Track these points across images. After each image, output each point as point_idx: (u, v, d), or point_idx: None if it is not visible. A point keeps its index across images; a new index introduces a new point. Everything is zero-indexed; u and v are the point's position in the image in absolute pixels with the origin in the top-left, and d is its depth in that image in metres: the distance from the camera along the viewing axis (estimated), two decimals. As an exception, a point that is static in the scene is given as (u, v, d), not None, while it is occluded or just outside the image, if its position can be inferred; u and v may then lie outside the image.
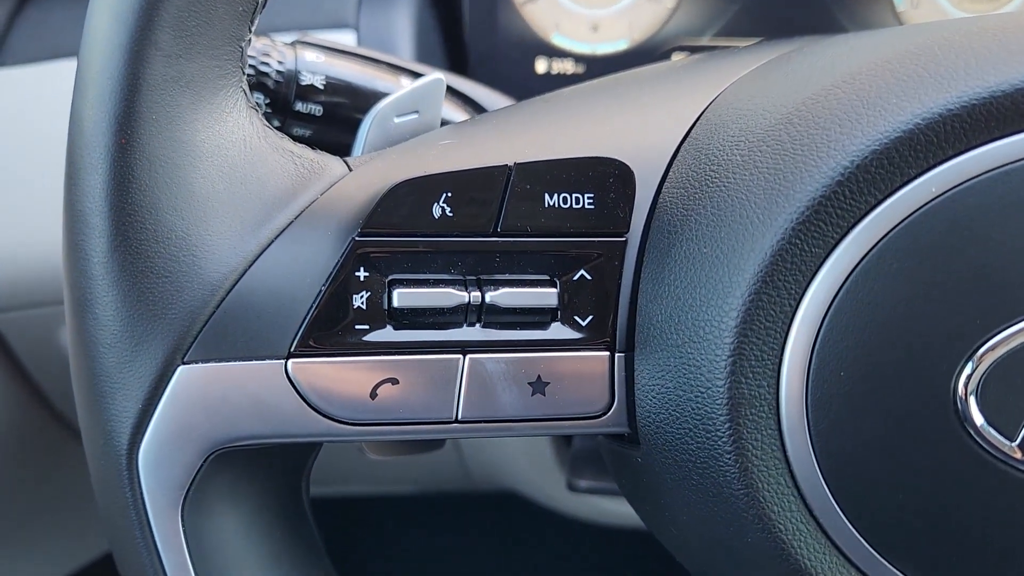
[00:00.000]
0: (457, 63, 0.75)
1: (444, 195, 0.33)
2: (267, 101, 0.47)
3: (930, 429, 0.30)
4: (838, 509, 0.31)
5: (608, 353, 0.34)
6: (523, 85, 0.75)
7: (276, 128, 0.50)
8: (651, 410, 0.33)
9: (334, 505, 0.96)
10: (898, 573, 0.31)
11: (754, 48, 0.45)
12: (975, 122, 0.29)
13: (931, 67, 0.30)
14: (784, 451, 0.31)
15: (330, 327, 0.32)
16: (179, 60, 0.31)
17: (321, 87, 0.47)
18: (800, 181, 0.30)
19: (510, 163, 0.33)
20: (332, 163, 0.35)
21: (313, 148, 0.36)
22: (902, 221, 0.29)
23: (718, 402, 0.31)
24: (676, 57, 0.72)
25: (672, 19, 0.74)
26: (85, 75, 0.31)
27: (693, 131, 0.35)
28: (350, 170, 0.35)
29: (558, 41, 0.74)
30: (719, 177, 0.32)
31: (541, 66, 0.75)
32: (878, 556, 0.31)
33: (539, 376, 0.33)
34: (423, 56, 0.70)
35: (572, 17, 0.74)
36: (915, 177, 0.29)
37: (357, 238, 0.32)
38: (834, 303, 0.30)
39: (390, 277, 0.33)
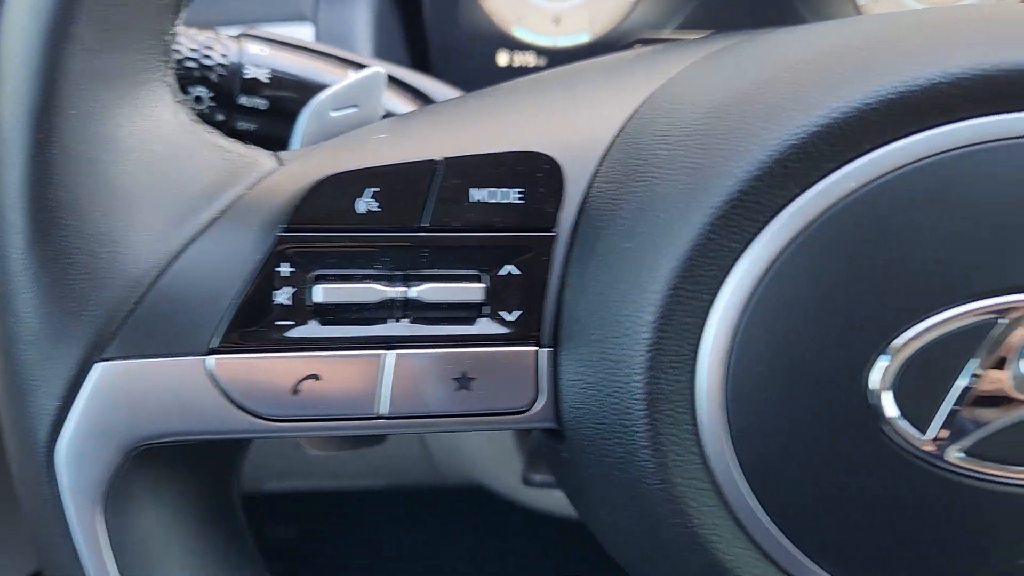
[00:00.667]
0: (419, 56, 0.75)
1: (370, 190, 0.33)
2: (211, 95, 0.47)
3: (845, 424, 0.30)
4: (756, 505, 0.31)
5: (534, 348, 0.34)
6: (485, 78, 0.75)
7: (221, 122, 0.49)
8: (575, 405, 0.33)
9: (303, 500, 0.96)
10: (816, 568, 0.31)
11: (700, 42, 0.45)
12: (892, 117, 0.29)
13: (852, 62, 0.30)
14: (701, 447, 0.31)
15: (253, 323, 0.32)
16: (99, 54, 0.31)
17: (266, 81, 0.47)
18: (719, 176, 0.30)
19: (439, 157, 0.33)
20: (262, 158, 0.35)
21: (245, 143, 0.36)
22: (820, 215, 0.29)
23: (636, 397, 0.31)
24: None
25: (633, 12, 0.73)
26: (2, 68, 0.31)
27: (627, 126, 0.35)
28: (281, 165, 0.35)
29: (520, 34, 0.74)
30: (644, 172, 0.32)
31: (503, 59, 0.74)
32: (796, 551, 0.31)
33: (464, 372, 0.33)
34: (383, 49, 0.70)
35: (534, 10, 0.74)
36: (832, 171, 0.29)
37: (281, 234, 0.32)
38: (752, 298, 0.30)
39: (314, 273, 0.32)
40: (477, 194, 0.33)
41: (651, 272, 0.30)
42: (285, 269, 0.32)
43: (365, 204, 0.33)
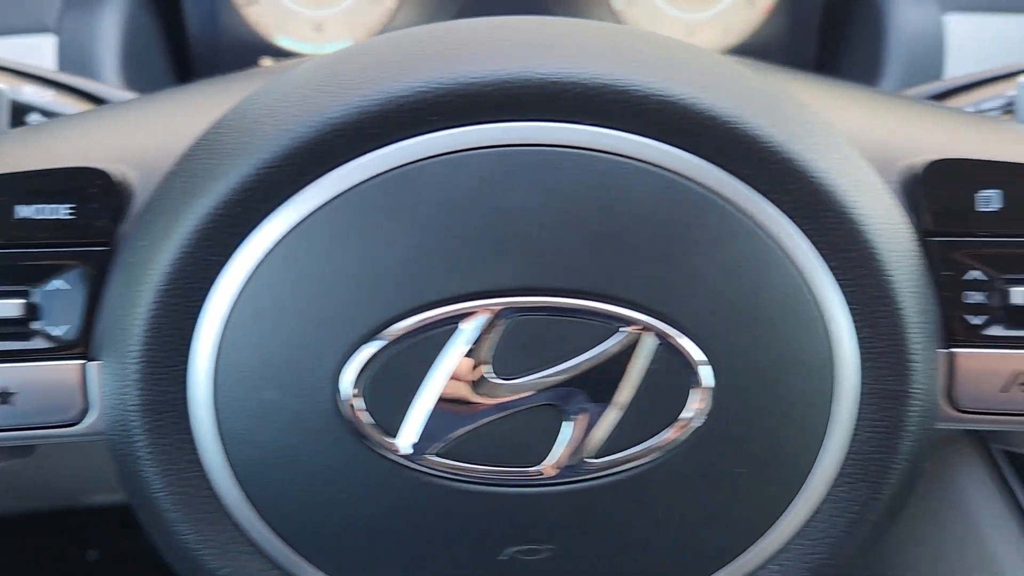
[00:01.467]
0: (181, 66, 0.75)
1: None
2: None
3: (324, 430, 0.30)
4: (256, 514, 0.31)
5: (80, 363, 0.34)
6: (251, 87, 0.75)
7: None
8: (112, 418, 0.33)
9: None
10: (315, 570, 0.32)
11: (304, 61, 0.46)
12: (355, 133, 0.29)
13: (321, 84, 0.31)
14: (198, 456, 0.31)
15: None
16: None
17: None
18: (202, 193, 0.30)
19: None
20: None
21: None
22: (291, 230, 0.30)
23: (132, 410, 0.31)
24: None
25: (394, 19, 0.74)
26: None
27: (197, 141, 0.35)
28: None
29: (282, 42, 0.74)
30: (166, 191, 0.33)
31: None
32: (293, 553, 0.32)
33: (6, 387, 0.34)
34: (137, 60, 0.70)
35: (295, 18, 0.74)
36: (304, 186, 0.30)
37: None
38: (234, 310, 0.30)
39: None
40: (23, 211, 0.34)
41: (139, 287, 0.31)
42: None
43: None
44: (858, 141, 0.36)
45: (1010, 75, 0.51)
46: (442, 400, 0.30)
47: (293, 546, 0.31)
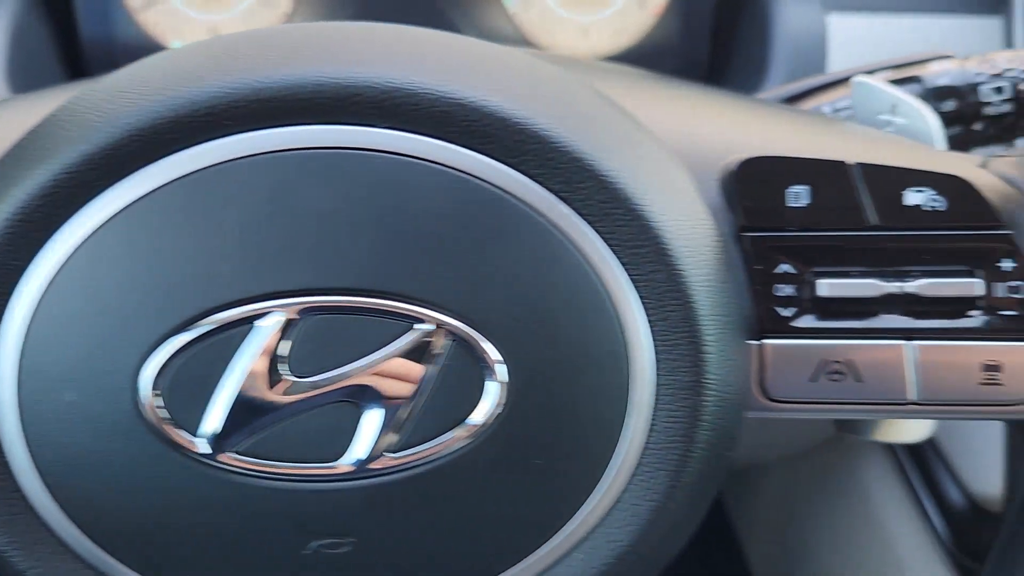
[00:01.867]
0: (76, 72, 0.74)
1: None
2: None
3: (125, 432, 0.30)
4: (64, 514, 0.32)
5: None
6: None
7: None
8: None
9: None
10: (128, 570, 0.32)
11: None
12: (148, 141, 0.30)
13: (127, 88, 0.31)
14: (4, 457, 0.31)
15: None
16: None
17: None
18: (3, 199, 0.31)
19: None
20: None
21: None
22: (91, 235, 0.30)
23: None
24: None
25: (290, 23, 0.74)
26: None
27: None
28: None
29: (177, 47, 0.74)
30: None
31: (163, 72, 0.75)
32: (109, 557, 0.32)
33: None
34: (26, 64, 0.70)
35: (190, 22, 0.74)
36: (101, 191, 0.30)
37: None
38: (35, 315, 0.31)
39: None
40: None
41: None
42: None
43: None
44: (680, 141, 0.37)
45: (869, 73, 0.53)
46: (239, 399, 0.30)
47: (103, 545, 0.32)
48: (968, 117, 0.49)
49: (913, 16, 0.71)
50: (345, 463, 0.31)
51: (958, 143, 0.50)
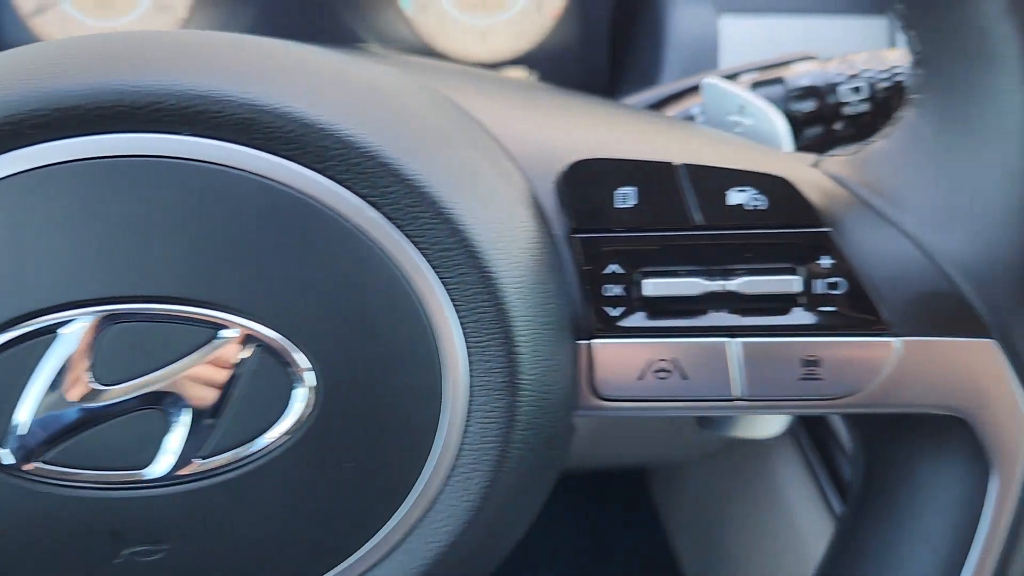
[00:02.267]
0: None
1: None
2: None
3: None
4: None
5: None
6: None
7: None
8: None
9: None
10: None
11: None
12: None
13: None
14: None
15: None
16: None
17: None
18: None
19: None
20: None
21: None
22: None
23: None
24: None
25: (189, 24, 0.74)
26: None
27: None
28: None
29: (71, 54, 0.73)
30: None
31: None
32: None
33: None
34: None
35: (82, 29, 0.73)
36: None
37: None
38: None
39: None
40: None
41: None
42: None
43: None
44: (522, 145, 0.37)
45: (734, 75, 0.54)
46: (42, 407, 0.30)
47: None
48: (828, 117, 0.50)
49: (802, 17, 0.72)
50: (154, 469, 0.31)
51: (819, 142, 0.51)
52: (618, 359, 0.36)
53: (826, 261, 0.35)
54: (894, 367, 0.35)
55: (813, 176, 0.37)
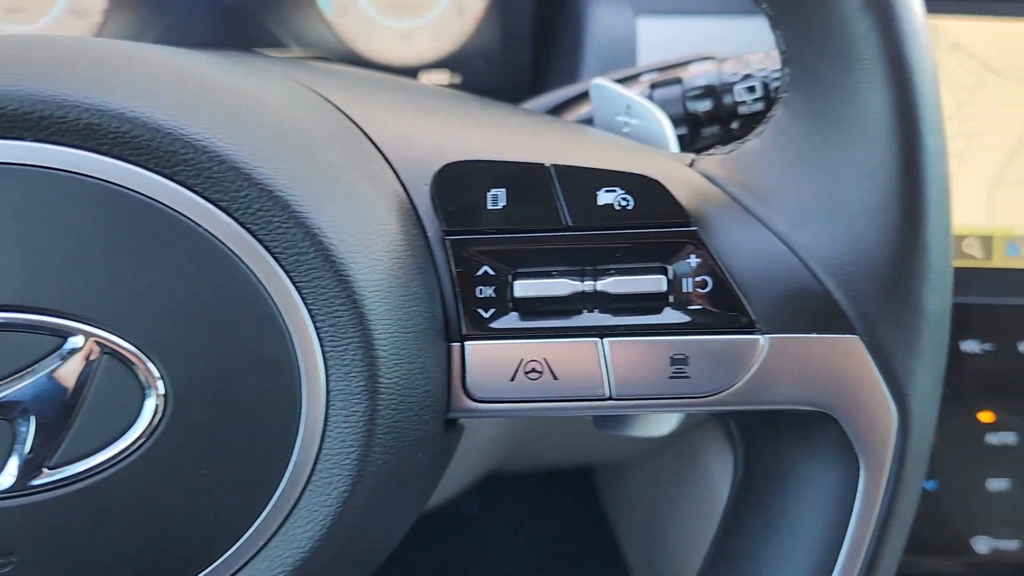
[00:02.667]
0: None
1: None
2: None
3: None
4: None
5: None
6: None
7: None
8: None
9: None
10: None
11: None
12: None
13: None
14: None
15: None
16: None
17: None
18: None
19: None
20: None
21: None
22: None
23: None
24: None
25: (100, 34, 0.73)
26: None
27: None
28: None
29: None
30: None
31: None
32: None
33: None
34: None
35: (-4, 35, 0.72)
36: None
37: None
38: None
39: None
40: None
41: None
42: None
43: None
44: (401, 147, 0.37)
45: (634, 76, 0.54)
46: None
47: None
48: (725, 117, 0.51)
49: (721, 18, 0.72)
50: (1, 481, 0.30)
51: (718, 141, 0.51)
52: (490, 361, 0.36)
53: (693, 260, 0.35)
54: (760, 364, 0.35)
55: (685, 175, 0.37)
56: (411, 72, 0.75)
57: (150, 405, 0.31)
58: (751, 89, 0.50)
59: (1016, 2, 0.62)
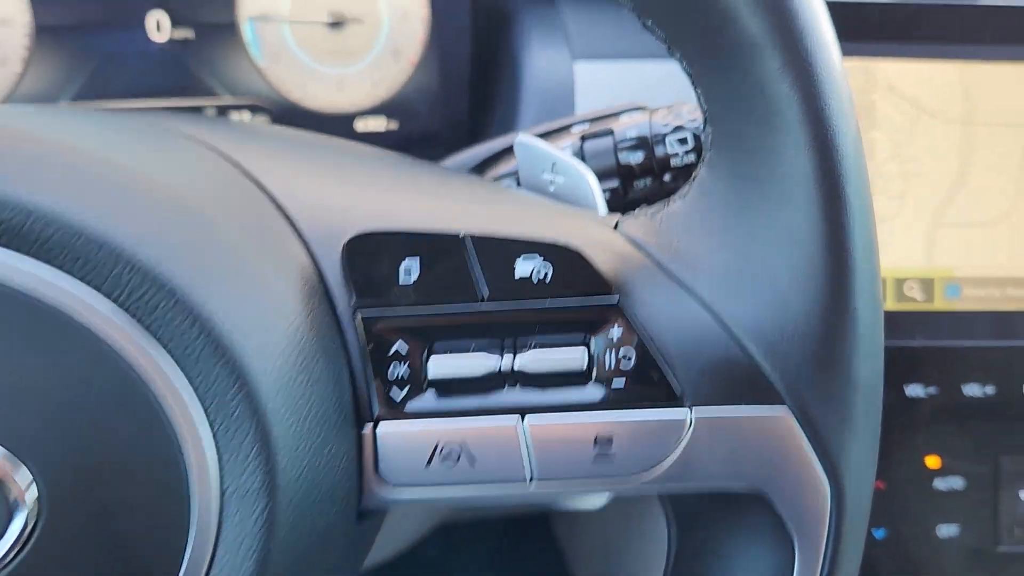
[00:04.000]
0: None
1: None
2: None
3: None
4: None
5: None
6: None
7: None
8: None
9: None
10: None
11: None
12: None
13: None
14: None
15: None
16: None
17: None
18: None
19: None
20: None
21: None
22: None
23: None
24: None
25: (21, 84, 0.71)
26: None
27: None
28: None
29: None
30: None
31: None
32: None
33: None
34: None
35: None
36: None
37: None
38: None
39: None
40: None
41: None
42: None
43: None
44: (313, 215, 0.35)
45: (566, 127, 0.53)
46: None
47: None
48: (657, 168, 0.49)
49: (657, 62, 0.71)
50: None
51: (651, 195, 0.50)
52: (405, 443, 0.34)
53: (615, 331, 0.34)
54: (688, 441, 0.33)
55: (609, 240, 0.36)
56: (347, 119, 0.74)
57: (20, 517, 0.28)
58: (683, 141, 0.49)
59: (946, 44, 0.62)
